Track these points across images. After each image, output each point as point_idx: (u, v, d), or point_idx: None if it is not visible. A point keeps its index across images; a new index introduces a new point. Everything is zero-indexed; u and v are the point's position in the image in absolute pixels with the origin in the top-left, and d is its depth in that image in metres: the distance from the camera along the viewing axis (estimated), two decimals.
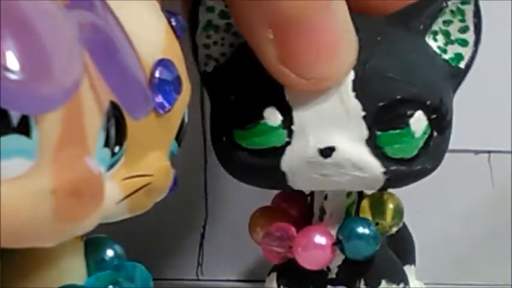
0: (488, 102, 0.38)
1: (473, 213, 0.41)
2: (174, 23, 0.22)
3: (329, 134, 0.25)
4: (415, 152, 0.25)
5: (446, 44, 0.26)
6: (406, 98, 0.25)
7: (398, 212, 0.28)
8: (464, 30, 0.26)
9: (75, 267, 0.20)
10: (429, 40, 0.26)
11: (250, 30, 0.24)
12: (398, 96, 0.25)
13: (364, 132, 0.25)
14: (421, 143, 0.25)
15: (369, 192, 0.28)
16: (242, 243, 0.42)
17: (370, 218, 0.27)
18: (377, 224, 0.27)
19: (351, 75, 0.24)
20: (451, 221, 0.32)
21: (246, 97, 0.26)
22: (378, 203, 0.28)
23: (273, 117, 0.25)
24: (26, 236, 0.15)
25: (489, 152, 0.41)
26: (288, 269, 0.29)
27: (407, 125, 0.25)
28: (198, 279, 0.43)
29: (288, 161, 0.25)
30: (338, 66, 0.24)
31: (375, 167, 0.25)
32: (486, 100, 0.30)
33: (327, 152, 0.25)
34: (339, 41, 0.24)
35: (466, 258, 0.32)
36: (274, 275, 0.29)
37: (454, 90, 0.27)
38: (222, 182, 0.41)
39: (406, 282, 0.28)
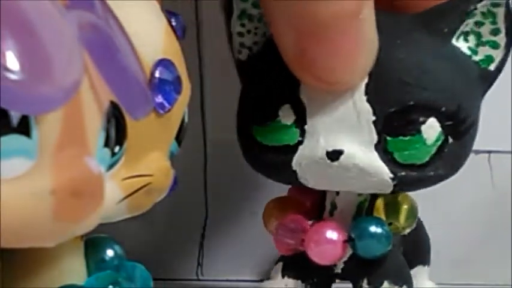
0: (488, 102, 0.38)
1: (473, 213, 0.41)
2: (174, 23, 0.23)
3: (338, 137, 0.25)
4: (427, 159, 0.25)
5: (477, 45, 0.26)
6: (419, 104, 0.24)
7: (412, 213, 0.28)
8: (495, 32, 0.26)
9: (75, 267, 0.20)
10: (459, 41, 0.26)
11: (276, 29, 0.24)
12: (410, 103, 0.24)
13: (374, 137, 0.24)
14: (433, 150, 0.25)
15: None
16: (242, 243, 0.42)
17: (383, 217, 0.27)
18: (390, 224, 0.27)
19: (365, 79, 0.24)
20: (451, 220, 0.32)
21: (265, 93, 0.26)
22: (392, 203, 0.27)
23: (287, 115, 0.25)
24: (26, 236, 0.15)
25: (489, 152, 0.41)
26: (294, 260, 0.29)
27: (419, 131, 0.24)
28: (198, 279, 0.43)
29: (298, 160, 0.25)
30: (356, 73, 0.24)
31: (383, 172, 0.25)
32: (486, 100, 0.30)
33: (334, 155, 0.25)
34: (361, 51, 0.24)
35: (466, 258, 0.32)
36: (280, 264, 0.29)
37: (484, 93, 0.27)
38: (222, 182, 0.41)
39: (410, 285, 0.28)
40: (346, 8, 0.22)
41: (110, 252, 0.21)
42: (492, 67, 0.26)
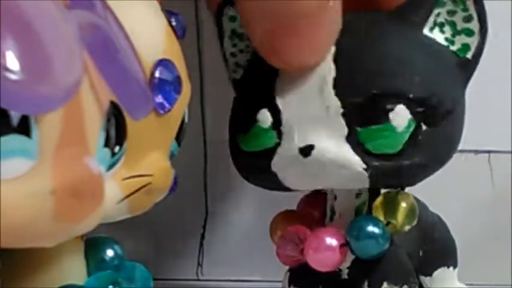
0: (488, 102, 0.38)
1: (473, 213, 0.41)
2: (174, 23, 0.23)
3: (310, 133, 0.25)
4: (400, 147, 0.25)
5: (453, 35, 0.26)
6: (385, 92, 0.24)
7: (411, 212, 0.27)
8: (468, 19, 0.26)
9: (75, 267, 0.20)
10: (434, 32, 0.26)
11: (247, 18, 0.25)
12: (374, 91, 0.24)
13: (344, 129, 0.25)
14: (405, 137, 0.25)
15: (383, 190, 0.28)
16: (242, 243, 0.42)
17: (382, 216, 0.27)
18: (388, 223, 0.27)
19: (333, 73, 0.25)
20: (451, 221, 0.32)
21: (245, 100, 0.26)
22: (390, 201, 0.27)
23: (264, 119, 0.25)
24: (26, 236, 0.15)
25: (489, 152, 0.41)
26: (300, 270, 0.29)
27: (387, 119, 0.24)
28: (198, 279, 0.43)
29: (277, 162, 0.26)
30: (320, 54, 0.25)
31: (355, 164, 0.25)
32: (486, 100, 0.30)
33: (306, 150, 0.25)
34: (327, 37, 0.25)
35: (466, 258, 0.32)
36: (287, 274, 0.30)
37: (465, 82, 0.27)
38: (222, 182, 0.41)
39: (411, 284, 0.28)
40: (317, 4, 0.24)
41: (110, 252, 0.21)
42: (469, 55, 0.26)
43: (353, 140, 0.25)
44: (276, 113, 0.25)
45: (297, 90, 0.25)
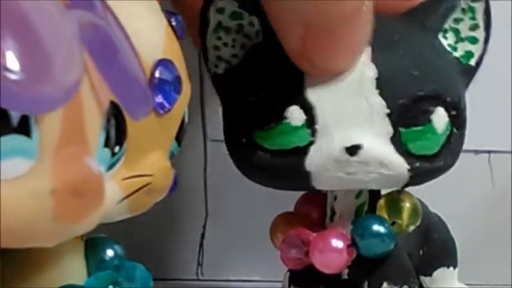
0: (488, 102, 0.38)
1: (473, 213, 0.41)
2: (174, 23, 0.22)
3: (354, 132, 0.25)
4: (438, 149, 0.25)
5: (456, 42, 0.27)
6: (428, 94, 0.25)
7: (415, 211, 0.27)
8: (474, 27, 0.26)
9: (75, 267, 0.20)
10: (440, 38, 0.26)
11: (280, 22, 0.24)
12: (420, 93, 0.25)
13: (389, 130, 0.25)
14: (443, 139, 0.25)
15: (384, 191, 0.28)
16: (242, 243, 0.42)
17: (386, 216, 0.27)
18: (394, 223, 0.27)
19: (375, 74, 0.25)
20: (451, 221, 0.32)
21: (267, 97, 0.25)
22: (394, 202, 0.27)
23: (296, 116, 0.25)
24: (26, 236, 0.15)
25: (489, 152, 0.41)
26: (300, 270, 0.29)
27: (430, 121, 0.25)
28: (198, 279, 0.43)
29: (312, 161, 0.25)
30: (352, 61, 0.25)
31: (401, 164, 0.25)
32: (486, 100, 0.30)
33: (353, 150, 0.25)
34: (359, 42, 0.25)
35: (466, 258, 0.32)
36: (287, 274, 0.30)
37: (466, 88, 0.27)
38: (222, 182, 0.41)
39: (411, 284, 0.28)
40: (352, 4, 0.23)
41: (110, 252, 0.21)
42: (473, 62, 0.27)
43: (396, 140, 0.25)
44: (309, 110, 0.25)
45: (330, 87, 0.25)
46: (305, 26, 0.23)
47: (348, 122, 0.25)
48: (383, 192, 0.28)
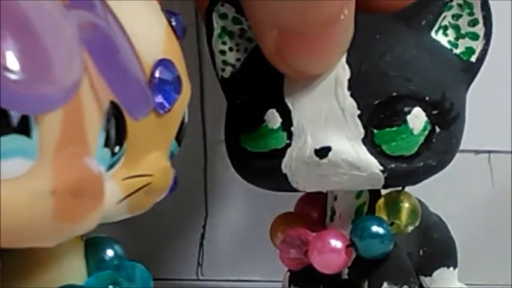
0: (488, 102, 0.38)
1: (473, 213, 0.41)
2: (174, 23, 0.22)
3: (325, 134, 0.25)
4: (415, 149, 0.25)
5: (457, 38, 0.26)
6: (402, 94, 0.25)
7: (414, 212, 0.27)
8: (474, 23, 0.26)
9: (75, 267, 0.20)
10: (438, 35, 0.26)
11: (259, 26, 0.24)
12: (393, 94, 0.25)
13: (360, 131, 0.25)
14: (421, 140, 0.25)
15: (384, 191, 0.28)
16: (242, 243, 0.42)
17: (385, 217, 0.27)
18: (392, 223, 0.27)
19: (347, 75, 0.25)
20: (451, 221, 0.32)
21: (250, 100, 0.26)
22: (393, 202, 0.27)
23: (273, 119, 0.25)
24: (26, 236, 0.15)
25: (489, 152, 0.41)
26: (301, 270, 0.29)
27: (405, 121, 0.25)
28: (198, 279, 0.43)
29: (287, 163, 0.25)
30: (330, 65, 0.25)
31: (372, 166, 0.25)
32: (486, 100, 0.30)
33: (322, 152, 0.25)
34: (337, 47, 0.24)
35: (466, 258, 0.32)
36: (287, 274, 0.30)
37: (468, 85, 0.27)
38: (222, 182, 0.41)
39: (411, 285, 0.28)
40: (330, 12, 0.23)
41: (110, 252, 0.21)
42: (473, 58, 0.27)
43: (369, 141, 0.25)
44: (285, 113, 0.25)
45: (307, 90, 0.25)
46: (281, 28, 0.23)
47: (321, 124, 0.25)
48: (383, 192, 0.28)
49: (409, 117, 0.25)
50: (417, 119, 0.25)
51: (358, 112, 0.25)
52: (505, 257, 0.40)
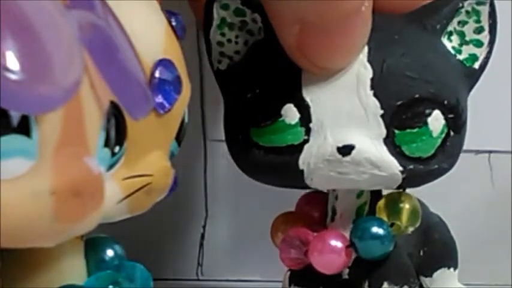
0: (488, 102, 0.38)
1: (473, 213, 0.41)
2: (174, 23, 0.22)
3: (348, 132, 0.25)
4: (433, 151, 0.25)
5: (461, 44, 0.26)
6: (424, 97, 0.25)
7: (414, 213, 0.27)
8: (479, 31, 0.26)
9: (75, 267, 0.20)
10: (444, 40, 0.26)
11: (279, 20, 0.24)
12: (416, 95, 0.25)
13: (383, 131, 0.25)
14: (438, 142, 0.25)
15: (385, 192, 0.28)
16: (242, 243, 0.42)
17: (385, 218, 0.27)
18: (393, 224, 0.27)
19: (370, 74, 0.25)
20: (451, 221, 0.32)
21: (263, 94, 0.26)
22: (394, 203, 0.27)
23: (291, 114, 0.25)
24: (26, 236, 0.15)
25: (489, 152, 0.41)
26: (301, 269, 0.29)
27: (426, 123, 0.25)
28: (198, 279, 0.43)
29: (305, 159, 0.25)
30: (350, 58, 0.25)
31: (393, 166, 0.25)
32: (486, 100, 0.30)
33: (346, 150, 0.25)
34: (357, 41, 0.25)
35: (466, 258, 0.32)
36: (288, 274, 0.30)
37: (469, 90, 0.27)
38: (222, 182, 0.41)
39: (411, 285, 0.28)
40: (352, 4, 0.23)
41: (110, 252, 0.21)
42: (476, 65, 0.27)
43: (390, 142, 0.25)
44: (304, 108, 0.25)
45: (327, 86, 0.25)
46: (302, 23, 0.23)
47: (342, 121, 0.25)
48: (384, 192, 0.28)
49: (429, 120, 0.25)
50: (437, 121, 0.25)
51: (381, 112, 0.25)
52: (505, 257, 0.40)
